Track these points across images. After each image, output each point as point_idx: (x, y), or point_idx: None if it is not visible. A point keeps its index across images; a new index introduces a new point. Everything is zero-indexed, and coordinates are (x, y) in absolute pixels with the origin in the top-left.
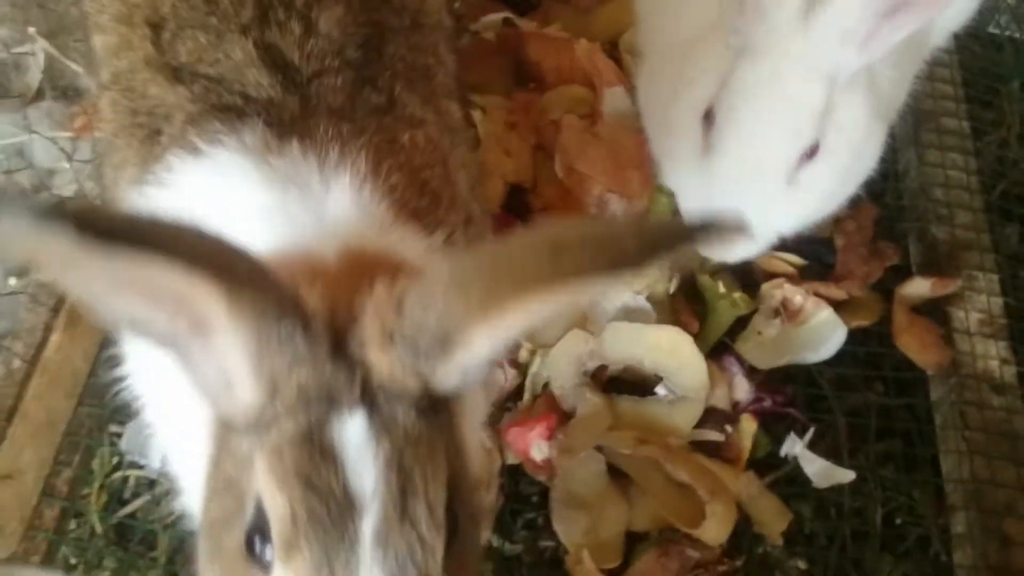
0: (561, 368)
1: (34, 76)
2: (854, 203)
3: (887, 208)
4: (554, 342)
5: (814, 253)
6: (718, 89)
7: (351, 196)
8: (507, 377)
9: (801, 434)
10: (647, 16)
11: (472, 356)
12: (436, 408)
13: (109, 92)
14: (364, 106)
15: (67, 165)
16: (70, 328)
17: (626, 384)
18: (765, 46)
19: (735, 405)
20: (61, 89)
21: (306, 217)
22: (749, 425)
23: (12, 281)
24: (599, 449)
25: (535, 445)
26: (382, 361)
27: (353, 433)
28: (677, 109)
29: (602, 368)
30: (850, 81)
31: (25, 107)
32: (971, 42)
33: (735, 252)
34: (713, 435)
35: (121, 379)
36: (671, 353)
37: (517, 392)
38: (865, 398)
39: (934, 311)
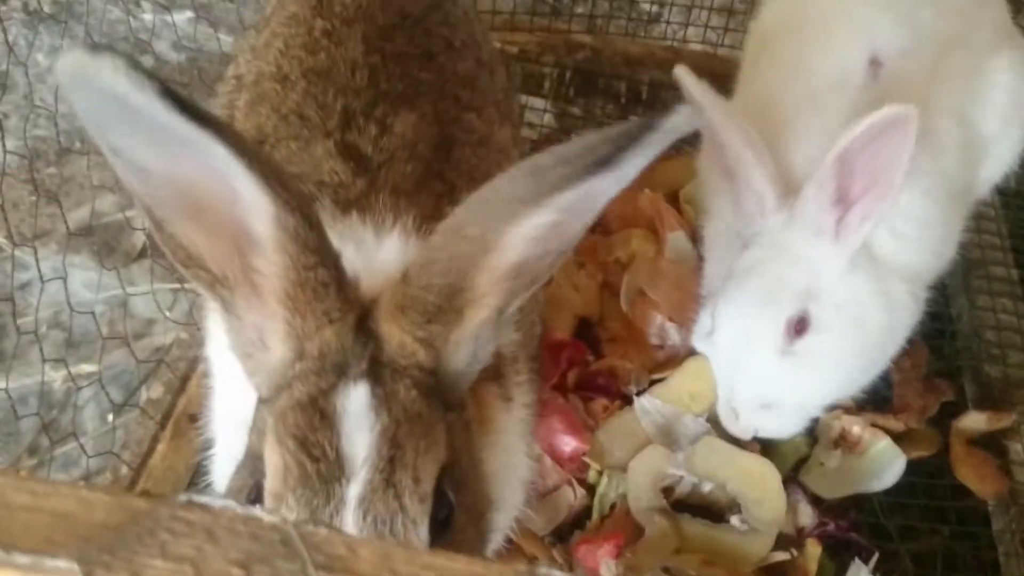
0: (638, 481)
1: (139, 236)
2: (908, 344)
3: (942, 349)
4: (619, 464)
5: (871, 387)
6: (722, 275)
7: (400, 245)
8: (576, 496)
9: (866, 560)
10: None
11: (479, 309)
12: (444, 393)
13: None
14: (427, 191)
15: (164, 315)
16: (175, 439)
17: (691, 507)
18: (758, 241)
19: (800, 530)
20: (160, 250)
21: (359, 264)
22: (814, 549)
23: (110, 418)
24: (666, 570)
25: (604, 563)
26: (392, 333)
27: (354, 403)
28: (706, 297)
29: (669, 489)
30: (851, 265)
31: (129, 264)
32: (1017, 199)
33: (771, 430)
34: (779, 555)
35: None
36: (758, 483)
37: (586, 512)
38: (928, 530)
39: (990, 444)
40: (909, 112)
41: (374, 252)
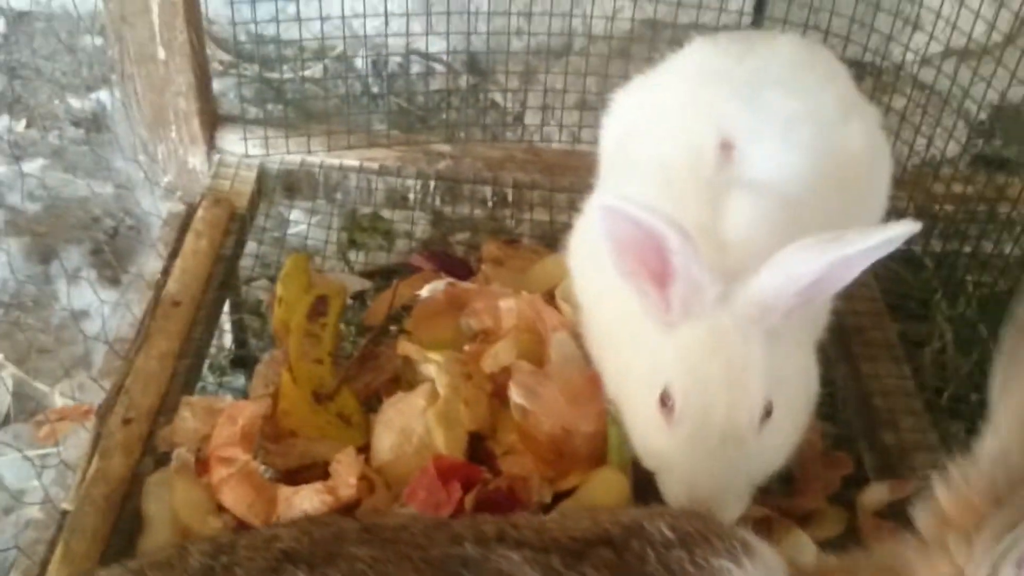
0: None
1: (2, 401)
2: None
3: (835, 420)
4: None
5: None
6: (667, 370)
7: None
8: None
9: None
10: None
11: None
12: None
13: None
14: None
15: (36, 483)
16: None
17: None
18: (699, 330)
19: None
20: (29, 411)
21: None
22: None
23: None
24: None
25: None
26: None
27: None
28: (629, 393)
29: None
30: (779, 334)
31: None
32: (886, 259)
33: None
34: None
35: None
36: None
37: None
38: None
39: (897, 513)
40: (913, 227)
41: None
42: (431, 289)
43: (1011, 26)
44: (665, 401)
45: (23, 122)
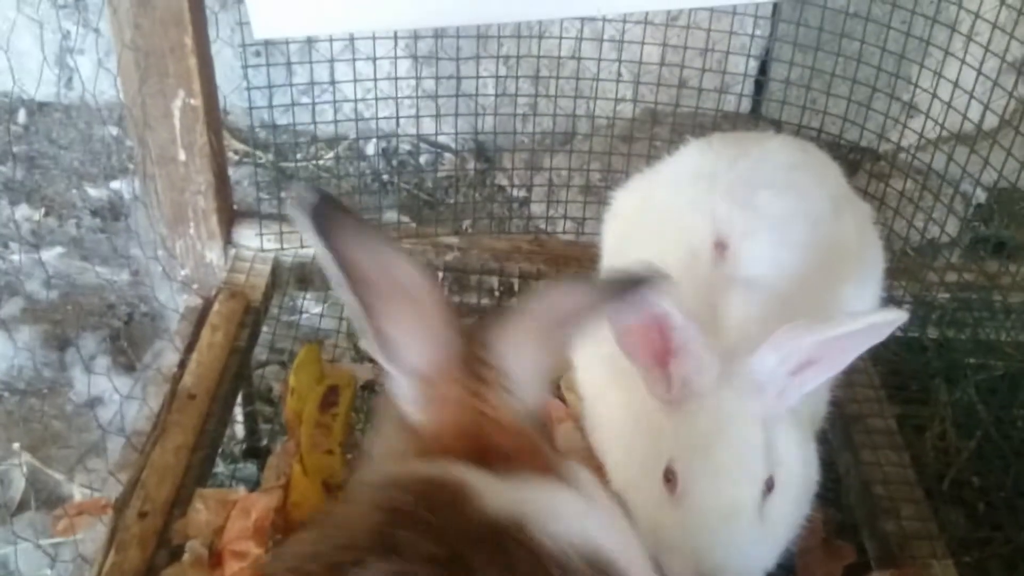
0: None
1: (17, 488)
2: None
3: (838, 508)
4: None
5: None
6: (670, 447)
7: None
8: None
9: None
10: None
11: None
12: None
13: None
14: None
15: (49, 572)
16: None
17: None
18: (699, 408)
19: None
20: (43, 499)
21: None
22: None
23: None
24: None
25: None
26: None
27: None
28: (632, 475)
29: None
30: (780, 418)
31: (9, 519)
32: (885, 351)
33: None
34: None
35: None
36: None
37: None
38: None
39: None
40: (901, 316)
41: None
42: None
43: (995, 128)
44: (669, 477)
45: (41, 211)
